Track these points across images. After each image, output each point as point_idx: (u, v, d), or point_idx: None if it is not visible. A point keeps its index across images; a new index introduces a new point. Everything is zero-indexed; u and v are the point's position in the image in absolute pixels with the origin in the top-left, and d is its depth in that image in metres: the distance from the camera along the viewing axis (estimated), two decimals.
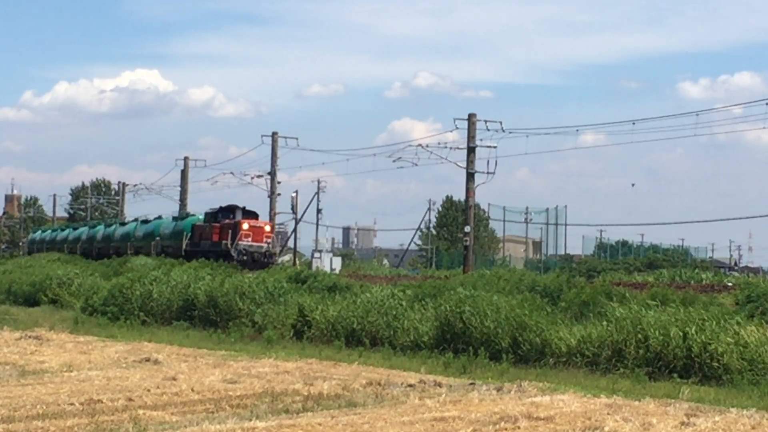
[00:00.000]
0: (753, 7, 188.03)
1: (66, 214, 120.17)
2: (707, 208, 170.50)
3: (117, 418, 13.43)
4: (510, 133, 47.79)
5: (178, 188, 78.72)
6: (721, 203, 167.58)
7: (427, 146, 50.84)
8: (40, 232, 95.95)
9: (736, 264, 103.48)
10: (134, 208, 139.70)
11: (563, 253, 79.10)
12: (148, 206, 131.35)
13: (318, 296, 28.79)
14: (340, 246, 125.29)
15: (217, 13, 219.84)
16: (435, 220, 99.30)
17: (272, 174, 63.33)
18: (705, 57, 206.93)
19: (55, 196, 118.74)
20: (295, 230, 74.79)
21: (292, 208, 71.39)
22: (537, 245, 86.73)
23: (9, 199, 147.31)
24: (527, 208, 79.68)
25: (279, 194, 63.73)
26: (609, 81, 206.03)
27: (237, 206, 53.88)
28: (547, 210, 78.24)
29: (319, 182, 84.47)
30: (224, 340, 26.68)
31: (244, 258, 49.49)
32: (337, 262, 65.65)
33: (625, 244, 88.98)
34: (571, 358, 20.75)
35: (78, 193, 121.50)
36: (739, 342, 18.99)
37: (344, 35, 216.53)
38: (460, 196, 43.72)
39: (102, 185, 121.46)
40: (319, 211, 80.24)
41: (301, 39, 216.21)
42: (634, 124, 44.76)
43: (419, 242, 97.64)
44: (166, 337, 27.49)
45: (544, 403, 14.82)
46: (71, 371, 18.89)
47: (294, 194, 72.61)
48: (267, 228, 53.00)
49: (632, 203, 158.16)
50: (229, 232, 51.04)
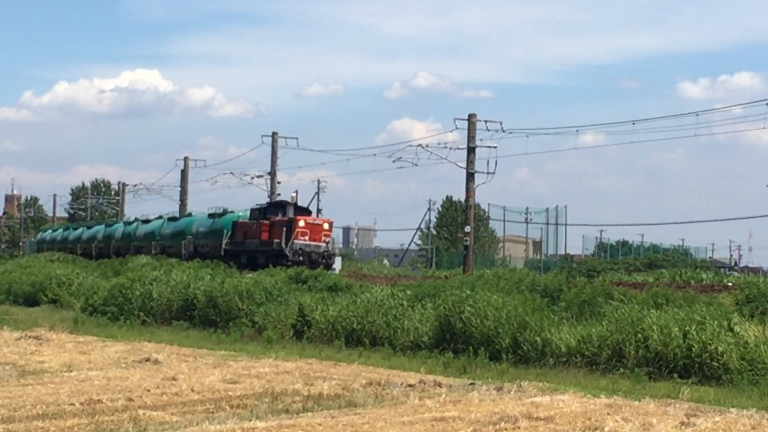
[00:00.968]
0: (752, 7, 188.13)
1: (66, 214, 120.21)
2: (707, 208, 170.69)
3: (117, 418, 13.43)
4: (510, 133, 47.88)
5: (178, 188, 78.76)
6: (721, 203, 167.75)
7: (427, 146, 50.90)
8: (50, 231, 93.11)
9: (736, 264, 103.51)
10: (134, 208, 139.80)
11: (563, 253, 79.14)
12: (148, 206, 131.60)
13: (318, 296, 28.78)
14: (341, 246, 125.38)
15: (217, 13, 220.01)
16: (435, 220, 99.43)
17: (272, 174, 63.35)
18: (705, 57, 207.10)
19: (55, 196, 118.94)
20: None
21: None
22: (537, 245, 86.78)
23: (9, 199, 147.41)
24: (527, 208, 79.75)
25: (279, 194, 63.69)
26: (609, 81, 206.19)
27: (287, 202, 49.86)
28: (547, 210, 78.29)
29: (319, 182, 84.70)
30: (224, 340, 26.69)
31: (300, 259, 44.70)
32: (338, 262, 65.48)
33: (625, 244, 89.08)
34: (571, 358, 20.74)
35: (78, 193, 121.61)
36: (739, 342, 18.99)
37: (344, 35, 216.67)
38: (460, 196, 43.79)
39: (102, 185, 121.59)
40: (319, 211, 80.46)
41: (301, 39, 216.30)
42: (634, 124, 44.87)
43: (419, 242, 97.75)
44: (166, 337, 27.49)
45: (544, 403, 14.82)
46: (71, 371, 18.88)
47: (294, 194, 72.54)
48: (326, 226, 47.44)
49: (632, 203, 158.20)
50: (283, 229, 45.78)
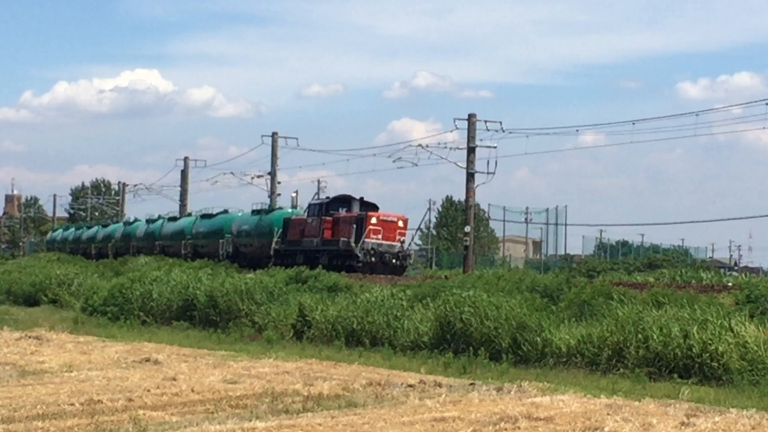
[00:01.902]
0: (752, 8, 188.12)
1: (66, 214, 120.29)
2: (707, 208, 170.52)
3: (117, 418, 13.43)
4: (510, 133, 47.93)
5: (178, 188, 78.79)
6: (721, 203, 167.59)
7: (427, 146, 50.92)
8: (60, 230, 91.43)
9: (736, 264, 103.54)
10: (134, 208, 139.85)
11: (563, 253, 79.12)
12: (148, 206, 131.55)
13: (318, 296, 28.79)
14: None
15: (217, 13, 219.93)
16: (435, 220, 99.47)
17: (272, 174, 63.36)
18: (704, 57, 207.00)
19: (55, 196, 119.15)
20: None
21: (293, 208, 71.44)
22: (537, 245, 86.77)
23: (9, 199, 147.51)
24: (527, 208, 79.67)
25: (279, 194, 63.82)
26: (609, 81, 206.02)
27: (352, 196, 44.85)
28: (547, 210, 78.23)
29: (319, 182, 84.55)
30: (224, 340, 26.70)
31: (372, 260, 40.75)
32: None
33: (625, 244, 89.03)
34: (571, 358, 20.74)
35: (78, 193, 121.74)
36: (739, 342, 18.99)
37: (343, 35, 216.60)
38: (460, 196, 43.92)
39: (102, 185, 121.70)
40: None
41: (301, 39, 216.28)
42: (634, 124, 44.91)
43: (419, 242, 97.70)
44: (166, 337, 27.49)
45: (544, 403, 14.82)
46: (71, 371, 18.88)
47: (294, 194, 72.58)
48: (400, 223, 43.01)
49: (632, 203, 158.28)
50: (352, 227, 41.56)
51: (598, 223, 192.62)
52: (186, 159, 78.25)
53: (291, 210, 49.62)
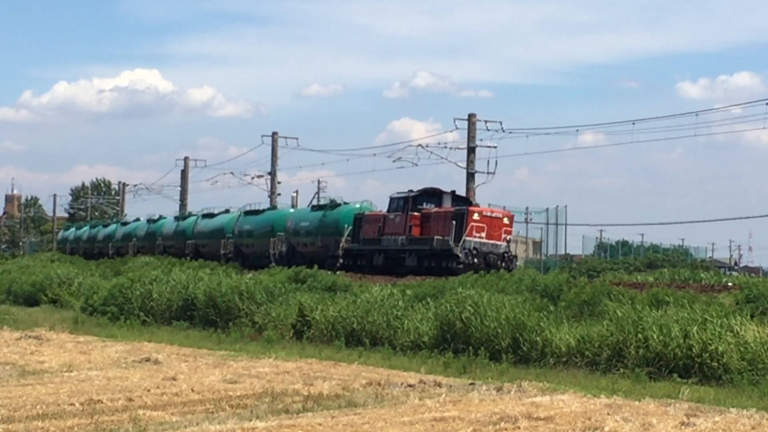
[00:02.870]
0: (752, 8, 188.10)
1: (66, 214, 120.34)
2: (707, 208, 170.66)
3: (117, 418, 13.43)
4: (510, 133, 47.90)
5: (178, 188, 78.83)
6: (721, 203, 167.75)
7: (427, 146, 50.92)
8: (73, 229, 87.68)
9: (736, 264, 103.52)
10: (134, 208, 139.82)
11: (563, 253, 79.11)
12: (149, 206, 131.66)
13: (318, 296, 28.79)
14: None
15: (216, 13, 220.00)
16: None
17: (272, 174, 63.37)
18: (704, 57, 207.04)
19: (55, 196, 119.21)
20: None
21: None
22: (537, 245, 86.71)
23: (9, 199, 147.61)
24: (527, 208, 79.61)
25: (279, 194, 63.86)
26: (609, 81, 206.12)
27: (442, 190, 40.02)
28: (547, 210, 78.14)
29: (319, 182, 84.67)
30: (224, 340, 26.69)
31: (474, 261, 35.92)
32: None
33: (625, 244, 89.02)
34: (571, 358, 20.74)
35: (78, 193, 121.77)
36: (739, 342, 18.99)
37: (343, 35, 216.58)
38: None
39: (102, 185, 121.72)
40: None
41: (300, 39, 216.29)
42: (634, 124, 44.90)
43: None
44: (166, 337, 27.49)
45: (544, 403, 14.81)
46: (71, 371, 18.88)
47: (294, 194, 72.68)
48: (505, 220, 37.93)
49: (632, 203, 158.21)
50: (451, 223, 36.60)
51: (598, 223, 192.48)
52: (186, 159, 78.30)
53: (359, 205, 44.38)
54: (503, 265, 36.34)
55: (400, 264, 37.12)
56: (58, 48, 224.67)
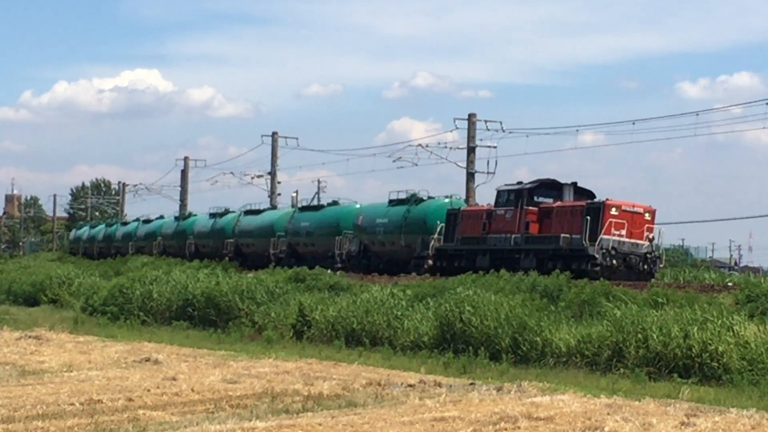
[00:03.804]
0: (751, 8, 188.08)
1: (66, 214, 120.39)
2: (707, 208, 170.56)
3: (117, 418, 13.43)
4: (510, 133, 47.81)
5: (178, 188, 78.83)
6: (721, 203, 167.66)
7: (427, 146, 50.87)
8: (87, 228, 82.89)
9: (736, 264, 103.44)
10: (134, 208, 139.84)
11: None
12: (148, 206, 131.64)
13: (318, 296, 28.80)
14: None
15: (216, 13, 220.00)
16: None
17: (272, 174, 63.37)
18: (704, 57, 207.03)
19: (55, 196, 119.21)
20: None
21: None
22: None
23: (9, 199, 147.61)
24: None
25: (279, 194, 63.84)
26: (609, 81, 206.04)
27: (559, 181, 35.20)
28: None
29: (319, 182, 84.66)
30: (224, 340, 26.70)
31: (613, 262, 31.44)
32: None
33: None
34: (571, 358, 20.75)
35: (78, 193, 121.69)
36: (739, 342, 18.99)
37: (343, 35, 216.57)
38: (460, 196, 43.57)
39: (102, 185, 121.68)
40: None
41: (300, 39, 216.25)
42: (634, 124, 44.68)
43: None
44: (166, 337, 27.50)
45: (544, 403, 14.81)
46: (71, 371, 18.89)
47: (294, 194, 72.69)
48: (647, 215, 32.88)
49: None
50: (583, 219, 31.89)
51: None
52: (186, 159, 78.31)
53: (448, 199, 39.52)
54: (645, 267, 32.14)
55: (512, 265, 32.56)
56: (58, 48, 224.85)
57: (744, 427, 13.27)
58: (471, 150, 46.76)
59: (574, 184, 34.76)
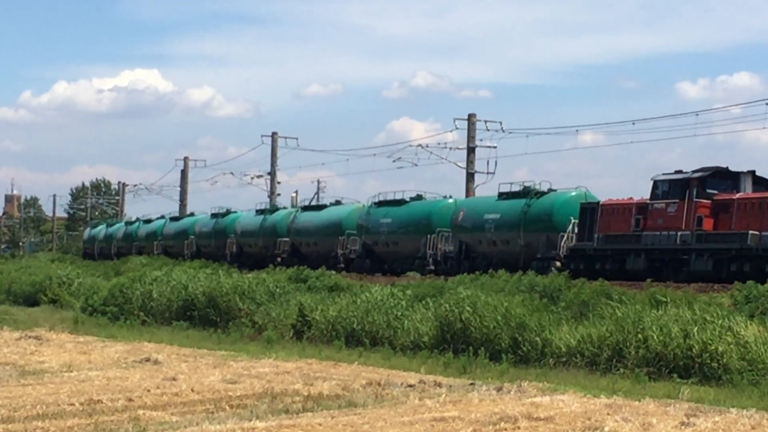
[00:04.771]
0: (751, 8, 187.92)
1: (66, 214, 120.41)
2: None
3: (117, 418, 13.44)
4: (510, 133, 47.85)
5: (178, 188, 78.85)
6: None
7: (426, 146, 50.92)
8: (103, 226, 77.77)
9: None
10: (134, 208, 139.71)
11: None
12: (148, 206, 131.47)
13: (318, 296, 28.80)
14: None
15: (216, 13, 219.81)
16: None
17: (272, 174, 63.41)
18: (704, 57, 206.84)
19: (55, 196, 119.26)
20: None
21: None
22: None
23: (9, 199, 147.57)
24: None
25: (279, 194, 63.87)
26: (609, 81, 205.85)
27: (733, 170, 30.14)
28: None
29: (319, 182, 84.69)
30: (224, 340, 26.70)
31: None
32: None
33: None
34: (571, 358, 20.74)
35: (78, 193, 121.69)
36: (739, 342, 18.99)
37: (342, 35, 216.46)
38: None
39: (102, 185, 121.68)
40: None
41: (300, 39, 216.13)
42: (633, 124, 44.62)
43: None
44: (166, 337, 27.49)
45: (544, 403, 14.82)
46: (71, 371, 18.89)
47: (294, 194, 72.68)
48: None
49: None
50: None
51: None
52: (186, 159, 78.34)
53: (575, 192, 34.44)
54: None
55: (679, 268, 28.91)
56: (58, 48, 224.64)
57: (744, 427, 13.27)
58: (471, 150, 46.80)
59: (752, 172, 29.84)
